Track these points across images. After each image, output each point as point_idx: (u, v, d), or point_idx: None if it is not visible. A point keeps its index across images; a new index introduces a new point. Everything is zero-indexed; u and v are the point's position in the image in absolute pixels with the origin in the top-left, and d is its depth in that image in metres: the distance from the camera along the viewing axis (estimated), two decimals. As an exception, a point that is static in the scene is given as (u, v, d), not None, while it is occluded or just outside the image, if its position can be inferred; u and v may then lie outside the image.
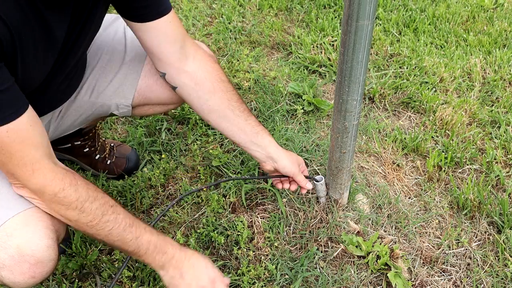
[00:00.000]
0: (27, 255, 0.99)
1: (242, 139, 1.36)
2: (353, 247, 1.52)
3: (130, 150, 1.80)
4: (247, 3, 2.84)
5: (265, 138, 1.37)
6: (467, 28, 2.72)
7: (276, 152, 1.38)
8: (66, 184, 0.99)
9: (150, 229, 1.12)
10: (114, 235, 1.06)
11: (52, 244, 1.03)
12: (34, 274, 1.01)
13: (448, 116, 2.06)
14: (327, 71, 2.36)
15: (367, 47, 1.15)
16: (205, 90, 1.31)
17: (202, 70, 1.31)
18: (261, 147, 1.36)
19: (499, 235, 1.61)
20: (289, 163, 1.40)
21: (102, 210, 1.03)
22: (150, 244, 1.10)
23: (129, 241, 1.07)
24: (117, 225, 1.05)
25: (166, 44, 1.24)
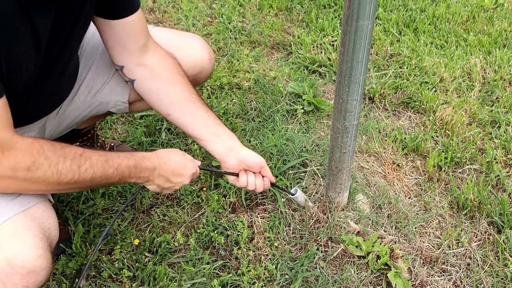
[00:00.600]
0: (18, 267, 0.97)
1: (203, 131, 1.33)
2: (353, 247, 1.52)
3: (130, 150, 1.80)
4: (247, 3, 2.84)
5: (226, 130, 1.35)
6: (467, 28, 2.72)
7: (238, 143, 1.35)
8: (35, 155, 0.97)
9: (124, 155, 1.14)
10: (97, 178, 1.08)
11: (42, 253, 1.01)
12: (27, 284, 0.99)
13: (448, 116, 2.06)
14: (327, 71, 2.36)
15: (367, 47, 1.15)
16: (164, 81, 1.31)
17: (161, 63, 1.31)
18: (223, 138, 1.33)
19: (499, 235, 1.61)
20: (252, 153, 1.36)
21: (76, 163, 1.03)
22: (131, 167, 1.14)
23: (112, 175, 1.10)
24: (95, 168, 1.06)
25: (132, 40, 1.25)
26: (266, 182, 1.41)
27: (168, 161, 1.23)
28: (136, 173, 1.16)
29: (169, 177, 1.24)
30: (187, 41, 1.47)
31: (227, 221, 1.62)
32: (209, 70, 1.53)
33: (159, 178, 1.22)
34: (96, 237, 1.56)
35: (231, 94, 2.17)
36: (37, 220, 1.05)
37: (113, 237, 1.57)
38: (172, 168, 1.24)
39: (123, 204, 1.69)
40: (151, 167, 1.19)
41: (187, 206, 1.68)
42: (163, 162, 1.22)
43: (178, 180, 1.27)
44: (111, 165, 1.10)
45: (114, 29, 1.22)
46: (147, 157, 1.19)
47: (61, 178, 1.01)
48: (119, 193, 1.71)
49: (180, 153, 1.29)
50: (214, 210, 1.65)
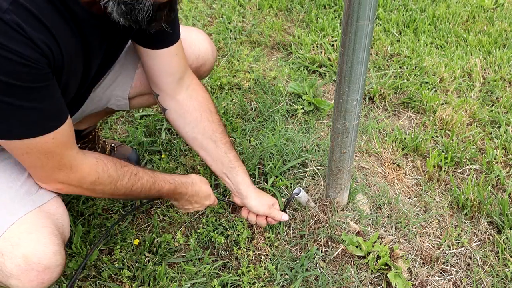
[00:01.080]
0: (34, 263, 0.99)
1: (218, 169, 1.42)
2: (353, 247, 1.52)
3: (131, 151, 1.80)
4: (247, 3, 2.84)
5: (239, 175, 1.41)
6: (467, 28, 2.72)
7: (246, 191, 1.42)
8: (100, 172, 1.09)
9: (167, 179, 1.27)
10: (142, 195, 1.22)
11: (58, 249, 1.03)
12: (43, 281, 1.01)
13: (448, 116, 2.06)
14: (327, 71, 2.36)
15: (367, 47, 1.15)
16: (191, 118, 1.37)
17: (193, 99, 1.37)
18: (233, 182, 1.42)
19: (499, 235, 1.61)
20: (258, 203, 1.43)
21: (131, 183, 1.16)
22: (170, 191, 1.28)
23: (153, 195, 1.25)
24: (143, 188, 1.19)
25: (167, 74, 1.31)
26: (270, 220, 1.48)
27: (198, 190, 1.36)
28: (172, 195, 1.30)
29: (192, 203, 1.38)
30: (190, 34, 1.48)
31: (227, 221, 1.62)
32: (211, 62, 1.55)
33: (185, 201, 1.36)
34: (96, 237, 1.56)
35: (231, 94, 2.17)
36: (51, 217, 1.07)
37: (113, 237, 1.57)
38: (198, 198, 1.38)
39: (122, 204, 1.69)
40: (184, 193, 1.32)
41: (187, 206, 1.68)
42: (195, 190, 1.35)
43: (197, 206, 1.40)
44: (156, 187, 1.23)
45: (152, 59, 1.27)
46: (185, 184, 1.32)
47: (115, 192, 1.14)
48: (119, 193, 1.71)
49: (208, 186, 1.41)
50: (214, 210, 1.65)
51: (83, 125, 1.61)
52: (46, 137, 0.95)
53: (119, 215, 1.65)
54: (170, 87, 1.33)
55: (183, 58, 1.31)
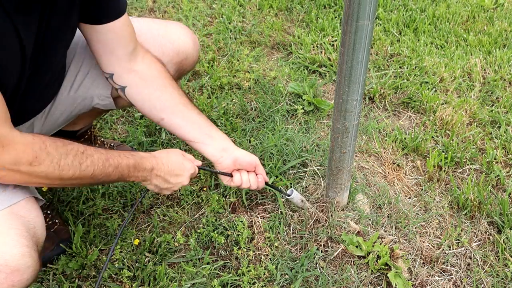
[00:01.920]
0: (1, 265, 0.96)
1: (196, 133, 1.34)
2: (353, 247, 1.52)
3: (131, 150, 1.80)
4: (247, 3, 2.84)
5: (219, 131, 1.36)
6: (467, 28, 2.72)
7: (231, 144, 1.37)
8: (37, 150, 0.99)
9: (124, 154, 1.17)
10: (97, 175, 1.10)
11: (28, 251, 1.00)
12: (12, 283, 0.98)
13: (448, 116, 2.06)
14: (327, 71, 2.36)
15: (367, 47, 1.15)
16: (156, 86, 1.31)
17: (151, 69, 1.32)
18: (216, 139, 1.34)
19: (499, 235, 1.61)
20: (246, 153, 1.37)
21: (78, 161, 1.05)
22: (130, 167, 1.16)
23: (112, 173, 1.13)
24: (96, 166, 1.09)
25: (121, 46, 1.25)
26: (260, 180, 1.41)
27: (166, 161, 1.24)
28: (134, 172, 1.18)
29: (166, 178, 1.25)
30: (170, 28, 1.46)
31: (227, 221, 1.62)
32: (194, 56, 1.52)
33: (157, 178, 1.23)
34: (96, 237, 1.56)
35: (231, 94, 2.17)
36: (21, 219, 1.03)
37: (113, 237, 1.57)
38: (169, 169, 1.25)
39: (122, 204, 1.69)
40: (149, 167, 1.20)
41: (187, 206, 1.68)
42: (161, 162, 1.23)
43: (177, 181, 1.27)
44: (112, 163, 1.12)
45: (101, 34, 1.22)
46: (146, 157, 1.21)
47: (62, 173, 1.03)
48: (119, 193, 1.71)
49: (179, 153, 1.30)
50: (214, 210, 1.65)
51: (77, 126, 1.60)
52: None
53: (119, 215, 1.65)
54: (126, 59, 1.27)
55: (133, 30, 1.26)
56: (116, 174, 1.14)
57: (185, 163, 1.29)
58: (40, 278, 1.45)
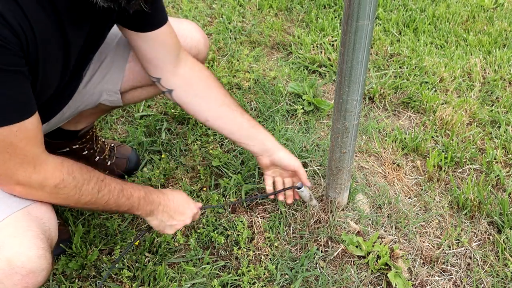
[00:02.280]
0: (18, 267, 0.97)
1: (239, 134, 1.38)
2: (353, 247, 1.52)
3: (131, 151, 1.80)
4: (247, 3, 2.84)
5: (262, 132, 1.39)
6: (467, 28, 2.72)
7: (273, 145, 1.40)
8: (65, 174, 1.03)
9: (137, 186, 1.21)
10: (110, 204, 1.14)
11: (43, 253, 1.01)
12: (27, 285, 0.99)
13: (448, 116, 2.06)
14: (327, 71, 2.36)
15: (367, 47, 1.15)
16: (200, 87, 1.36)
17: (195, 71, 1.36)
18: (258, 140, 1.38)
19: (499, 235, 1.61)
20: (288, 155, 1.40)
21: (97, 188, 1.09)
22: (140, 199, 1.20)
23: (123, 204, 1.16)
24: (111, 195, 1.12)
25: (165, 53, 1.30)
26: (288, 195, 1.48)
27: (172, 199, 1.29)
28: (143, 205, 1.21)
29: (171, 214, 1.29)
30: (181, 25, 1.49)
31: (227, 221, 1.62)
32: (204, 52, 1.56)
33: (163, 214, 1.27)
34: (96, 237, 1.56)
35: (231, 94, 2.17)
36: (37, 220, 1.05)
37: (113, 237, 1.57)
38: (175, 206, 1.29)
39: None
40: (157, 202, 1.25)
41: (187, 206, 1.68)
42: (167, 198, 1.28)
43: (180, 219, 1.31)
44: (125, 194, 1.16)
45: (146, 41, 1.26)
46: (155, 192, 1.26)
47: (81, 198, 1.08)
48: (119, 193, 1.71)
49: (184, 194, 1.35)
50: (214, 210, 1.65)
51: (80, 125, 1.61)
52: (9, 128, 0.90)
53: (119, 215, 1.65)
54: (171, 64, 1.32)
55: (176, 35, 1.31)
56: (126, 205, 1.18)
57: (190, 203, 1.34)
58: (40, 278, 1.45)
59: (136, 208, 1.21)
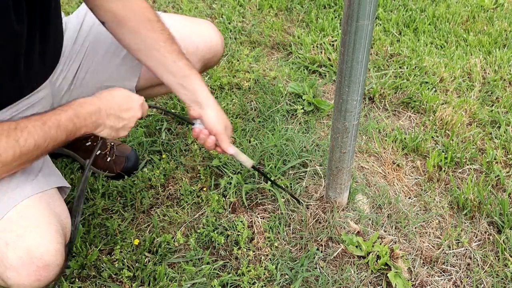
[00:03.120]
0: (36, 258, 0.98)
1: (170, 81, 1.32)
2: (353, 247, 1.52)
3: (130, 150, 1.81)
4: (247, 3, 2.84)
5: (196, 82, 1.32)
6: (467, 28, 2.72)
7: (206, 98, 1.32)
8: None
9: (60, 108, 1.07)
10: (41, 144, 1.02)
11: (60, 248, 1.02)
12: (40, 277, 1.00)
13: (448, 116, 2.06)
14: (327, 71, 2.36)
15: (367, 47, 1.15)
16: (128, 29, 1.30)
17: (127, 9, 1.29)
18: (189, 90, 1.31)
19: (499, 235, 1.61)
20: (215, 116, 1.33)
21: (13, 138, 0.98)
22: (72, 118, 1.07)
23: (57, 135, 1.04)
24: (36, 135, 1.00)
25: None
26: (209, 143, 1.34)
27: (111, 98, 1.16)
28: (81, 122, 1.08)
29: (118, 114, 1.16)
30: (202, 27, 1.51)
31: (227, 221, 1.62)
32: (221, 53, 1.58)
33: (109, 118, 1.14)
34: (96, 237, 1.56)
35: (231, 94, 2.17)
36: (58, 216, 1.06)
37: (113, 237, 1.57)
38: (118, 103, 1.16)
39: (122, 204, 1.69)
40: (95, 110, 1.11)
41: (187, 206, 1.68)
42: (106, 100, 1.14)
43: (130, 114, 1.19)
44: (51, 125, 1.03)
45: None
46: (87, 102, 1.11)
47: (2, 158, 0.97)
48: (119, 193, 1.71)
49: (121, 88, 1.22)
50: (214, 210, 1.65)
51: None
52: None
53: (119, 215, 1.65)
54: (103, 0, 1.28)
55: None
56: (62, 134, 1.05)
57: (131, 95, 1.21)
58: (40, 278, 1.45)
59: (75, 128, 1.07)
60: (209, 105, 1.33)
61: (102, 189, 1.71)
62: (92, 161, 1.17)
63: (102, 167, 1.75)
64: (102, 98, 1.14)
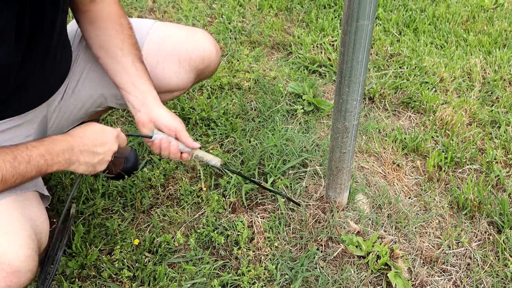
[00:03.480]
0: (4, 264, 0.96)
1: (124, 80, 1.30)
2: (353, 247, 1.52)
3: (130, 151, 1.80)
4: (247, 3, 2.84)
5: (146, 84, 1.29)
6: (467, 28, 2.72)
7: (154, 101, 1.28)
8: None
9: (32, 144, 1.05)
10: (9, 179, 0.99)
11: (31, 254, 1.00)
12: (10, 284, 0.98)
13: (448, 116, 2.06)
14: (327, 71, 2.36)
15: (367, 47, 1.15)
16: (99, 26, 1.31)
17: (103, 11, 1.31)
18: (139, 91, 1.28)
19: (499, 235, 1.61)
20: (168, 113, 1.28)
21: None
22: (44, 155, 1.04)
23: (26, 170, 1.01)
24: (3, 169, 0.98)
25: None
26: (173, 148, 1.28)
27: (83, 134, 1.13)
28: (53, 158, 1.06)
29: (92, 149, 1.13)
30: (196, 36, 1.49)
31: (227, 221, 1.62)
32: (216, 63, 1.55)
33: (83, 154, 1.12)
34: (96, 237, 1.56)
35: (231, 94, 2.17)
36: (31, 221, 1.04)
37: (113, 237, 1.57)
38: (91, 139, 1.13)
39: (122, 204, 1.69)
40: (67, 147, 1.09)
41: (187, 206, 1.68)
42: (79, 137, 1.12)
43: (105, 149, 1.15)
44: (21, 160, 1.00)
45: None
46: (59, 139, 1.09)
47: None
48: (119, 193, 1.71)
49: (95, 123, 1.19)
50: (214, 210, 1.65)
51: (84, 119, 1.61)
52: None
53: (119, 215, 1.65)
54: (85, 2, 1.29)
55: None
56: (32, 170, 1.02)
57: (104, 128, 1.17)
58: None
59: (46, 165, 1.04)
60: (160, 106, 1.29)
61: (102, 189, 1.71)
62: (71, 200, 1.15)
63: None
64: (75, 135, 1.12)
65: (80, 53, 1.41)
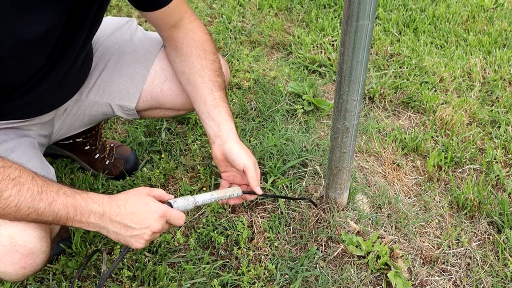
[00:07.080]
0: (19, 245, 0.97)
1: (201, 109, 1.30)
2: (353, 247, 1.52)
3: (130, 152, 1.80)
4: (247, 3, 2.84)
5: (222, 113, 1.27)
6: (467, 28, 2.72)
7: (229, 133, 1.25)
8: None
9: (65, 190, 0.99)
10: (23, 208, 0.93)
11: (44, 235, 1.01)
12: (25, 265, 0.99)
13: (448, 116, 2.06)
14: (327, 71, 2.36)
15: (367, 47, 1.15)
16: (182, 53, 1.34)
17: (187, 37, 1.33)
18: (215, 122, 1.26)
19: (499, 235, 1.61)
20: (240, 148, 1.23)
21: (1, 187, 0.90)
22: (68, 207, 0.97)
23: (43, 210, 0.94)
24: (22, 197, 0.92)
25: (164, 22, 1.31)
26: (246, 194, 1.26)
27: (123, 203, 1.03)
28: (75, 216, 0.98)
29: (126, 223, 1.02)
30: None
31: (227, 221, 1.62)
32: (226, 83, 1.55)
33: (113, 224, 1.02)
34: (96, 237, 1.56)
35: (231, 94, 2.17)
36: None
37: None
38: (128, 211, 1.03)
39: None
40: (97, 211, 1.00)
41: (187, 206, 1.68)
42: (115, 205, 1.02)
43: (142, 226, 1.04)
44: (44, 198, 0.94)
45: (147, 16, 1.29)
46: (95, 199, 1.01)
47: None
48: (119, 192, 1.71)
49: (142, 195, 1.07)
50: (214, 210, 1.65)
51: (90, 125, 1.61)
52: None
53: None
54: (166, 28, 1.33)
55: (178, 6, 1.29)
56: (49, 214, 0.95)
57: (150, 204, 1.06)
58: (40, 278, 1.45)
59: (65, 218, 0.97)
60: (233, 140, 1.24)
61: (102, 189, 1.71)
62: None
63: (101, 169, 1.75)
64: (113, 200, 1.03)
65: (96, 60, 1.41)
